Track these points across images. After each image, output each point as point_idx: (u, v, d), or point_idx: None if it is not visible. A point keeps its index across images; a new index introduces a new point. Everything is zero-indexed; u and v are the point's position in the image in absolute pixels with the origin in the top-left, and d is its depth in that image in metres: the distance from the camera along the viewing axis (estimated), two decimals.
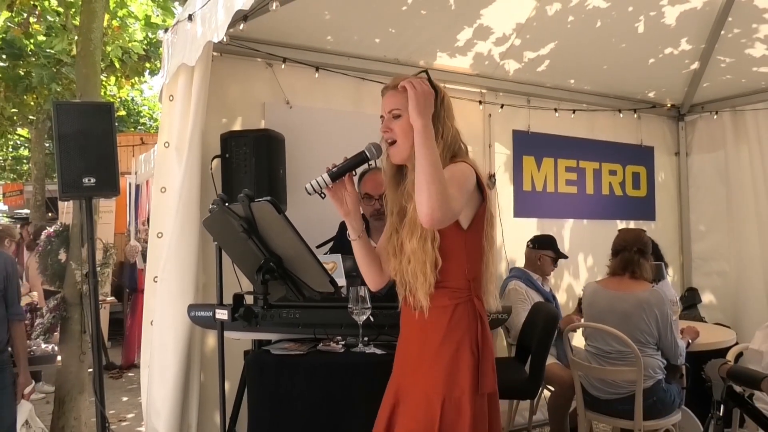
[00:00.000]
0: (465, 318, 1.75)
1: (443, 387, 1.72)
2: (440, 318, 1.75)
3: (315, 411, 2.32)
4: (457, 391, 1.72)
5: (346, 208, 1.81)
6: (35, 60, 6.77)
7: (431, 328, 1.76)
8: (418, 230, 1.70)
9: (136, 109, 17.07)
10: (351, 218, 1.83)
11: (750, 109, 4.88)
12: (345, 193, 1.79)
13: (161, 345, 3.02)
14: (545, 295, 3.91)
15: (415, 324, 1.79)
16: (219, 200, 2.02)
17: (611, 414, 3.17)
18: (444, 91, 1.80)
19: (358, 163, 1.78)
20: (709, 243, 5.30)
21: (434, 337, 1.75)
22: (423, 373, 1.76)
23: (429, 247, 1.70)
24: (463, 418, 1.70)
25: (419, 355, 1.79)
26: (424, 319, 1.75)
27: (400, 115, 1.75)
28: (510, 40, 4.06)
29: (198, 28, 2.85)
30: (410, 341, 1.84)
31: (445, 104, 1.78)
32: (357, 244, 1.87)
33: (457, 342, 1.74)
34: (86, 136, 2.93)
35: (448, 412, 1.70)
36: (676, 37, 4.31)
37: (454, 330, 1.74)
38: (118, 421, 4.89)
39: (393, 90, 1.78)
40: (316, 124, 3.72)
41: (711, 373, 2.32)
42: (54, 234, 4.07)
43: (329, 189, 1.75)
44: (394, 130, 1.76)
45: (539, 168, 4.72)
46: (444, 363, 1.73)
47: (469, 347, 1.74)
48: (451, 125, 1.78)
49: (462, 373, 1.72)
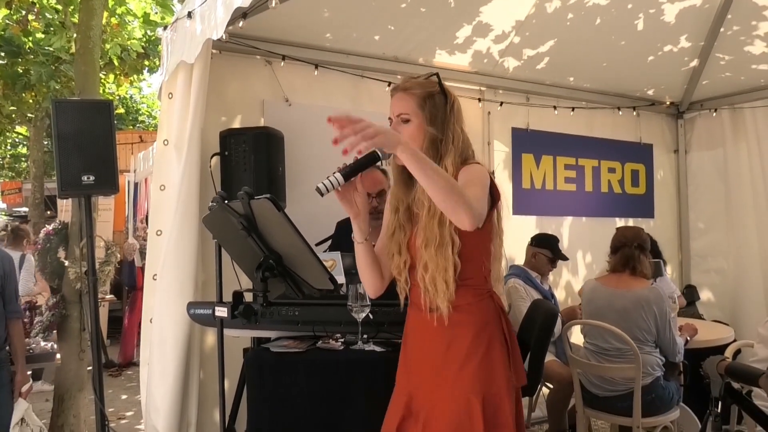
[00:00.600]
0: (490, 313, 1.74)
1: (482, 385, 1.68)
2: (468, 315, 1.71)
3: (314, 408, 2.33)
4: (495, 387, 1.69)
5: (356, 210, 1.74)
6: (34, 58, 6.75)
7: (458, 328, 1.71)
8: (435, 238, 1.66)
9: (134, 107, 17.05)
10: (360, 220, 1.76)
11: (749, 107, 4.88)
12: (355, 194, 1.74)
13: (160, 343, 3.02)
14: (544, 293, 3.91)
15: (434, 328, 1.73)
16: (218, 198, 2.02)
17: (610, 411, 3.18)
18: (454, 95, 1.77)
19: (370, 163, 1.71)
20: (708, 240, 5.30)
21: (463, 337, 1.71)
22: (454, 377, 1.70)
23: (449, 253, 1.66)
24: (505, 415, 1.68)
25: (444, 359, 1.73)
26: (445, 323, 1.70)
27: (408, 119, 1.73)
28: (509, 37, 4.06)
29: (197, 26, 2.85)
30: (428, 347, 1.77)
31: (455, 109, 1.75)
32: (361, 247, 1.82)
33: (488, 339, 1.71)
34: (85, 133, 2.93)
35: (490, 410, 1.67)
36: (676, 35, 4.31)
37: (483, 326, 1.72)
38: (117, 419, 4.90)
39: (403, 93, 1.75)
40: (315, 121, 3.70)
41: (709, 370, 2.33)
42: (53, 232, 4.06)
43: (338, 190, 1.70)
44: (402, 134, 1.72)
45: (538, 165, 4.72)
46: (477, 361, 1.69)
47: (500, 341, 1.72)
48: (461, 130, 1.75)
49: (497, 368, 1.70)
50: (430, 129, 1.72)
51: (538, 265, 3.97)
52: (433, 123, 1.72)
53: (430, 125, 1.71)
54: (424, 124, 1.72)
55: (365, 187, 1.77)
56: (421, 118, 1.72)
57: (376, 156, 1.72)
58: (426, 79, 1.78)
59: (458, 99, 1.79)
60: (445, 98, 1.74)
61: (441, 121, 1.72)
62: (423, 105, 1.72)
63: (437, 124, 1.72)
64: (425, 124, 1.72)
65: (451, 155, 1.70)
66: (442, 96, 1.75)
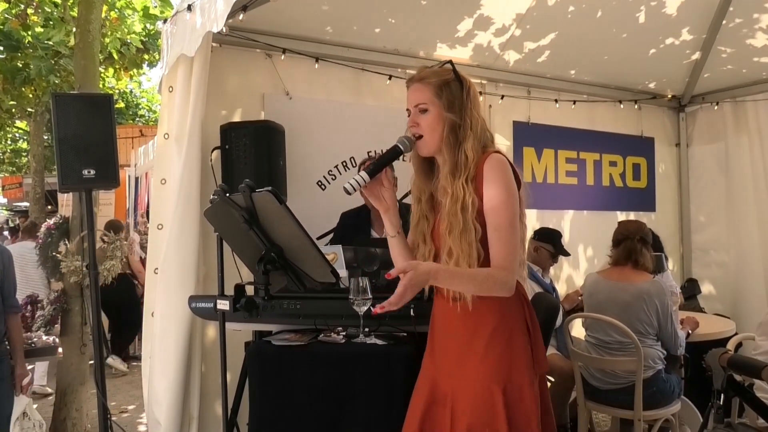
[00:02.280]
0: (513, 301, 1.73)
1: (503, 374, 1.69)
2: (489, 305, 1.71)
3: (316, 401, 2.32)
4: (517, 376, 1.69)
5: (386, 204, 1.77)
6: (33, 52, 6.74)
7: (481, 316, 1.72)
8: (459, 224, 1.66)
9: (134, 101, 17.03)
10: (390, 214, 1.79)
11: (750, 100, 4.87)
12: (382, 189, 1.75)
13: (162, 336, 3.03)
14: (545, 287, 3.91)
15: (458, 316, 1.74)
16: (220, 191, 2.01)
17: (611, 404, 3.18)
18: (470, 81, 1.77)
19: (393, 157, 1.74)
20: (709, 234, 5.30)
21: (486, 325, 1.72)
22: (477, 364, 1.71)
23: (472, 238, 1.66)
24: (527, 403, 1.68)
25: (468, 347, 1.73)
26: (469, 310, 1.70)
27: (426, 109, 1.73)
28: (510, 30, 4.04)
29: (197, 19, 2.84)
30: (453, 334, 1.78)
31: (472, 95, 1.75)
32: (394, 241, 1.84)
33: (510, 327, 1.72)
34: (86, 127, 2.91)
35: (512, 399, 1.67)
36: (677, 27, 4.29)
37: (505, 315, 1.72)
38: (119, 412, 4.91)
39: (419, 83, 1.75)
40: (315, 115, 3.71)
41: (711, 362, 2.33)
42: (54, 226, 4.06)
43: (365, 188, 1.70)
44: (420, 125, 1.73)
45: (539, 159, 4.72)
46: (500, 350, 1.70)
47: (522, 330, 1.73)
48: (478, 115, 1.75)
49: (519, 357, 1.71)
50: (449, 115, 1.71)
51: (539, 258, 3.97)
52: (451, 110, 1.72)
53: (448, 112, 1.72)
54: (443, 111, 1.72)
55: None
56: (439, 107, 1.72)
57: (399, 150, 1.74)
58: (440, 68, 1.78)
59: (474, 85, 1.79)
60: (461, 84, 1.74)
61: (459, 108, 1.72)
62: (440, 93, 1.72)
63: (455, 111, 1.72)
64: (444, 111, 1.72)
65: (470, 140, 1.70)
66: (458, 83, 1.74)
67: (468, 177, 1.68)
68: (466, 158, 1.69)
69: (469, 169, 1.68)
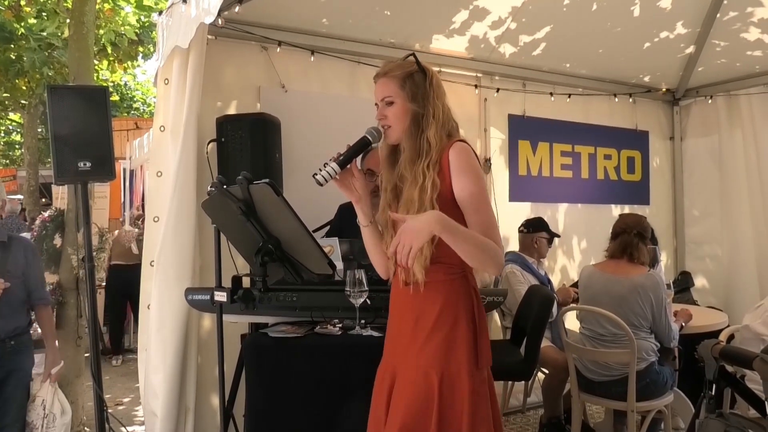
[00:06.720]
0: (461, 292, 1.76)
1: (441, 361, 1.71)
2: (436, 293, 1.74)
3: (312, 393, 2.34)
4: (455, 365, 1.71)
5: (357, 194, 1.81)
6: (26, 44, 6.69)
7: (427, 303, 1.75)
8: (415, 205, 1.69)
9: (129, 93, 16.93)
10: (362, 204, 1.83)
11: (744, 94, 4.89)
12: (353, 180, 1.79)
13: (158, 328, 3.03)
14: (540, 279, 3.94)
15: (409, 300, 1.78)
16: (218, 183, 2.02)
17: (605, 396, 3.21)
18: (432, 70, 1.81)
19: (362, 148, 1.79)
20: (703, 227, 5.34)
21: (430, 312, 1.74)
22: (419, 349, 1.75)
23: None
24: (461, 393, 1.70)
25: (413, 332, 1.77)
26: (419, 295, 1.74)
27: (392, 101, 1.77)
28: (505, 23, 4.05)
29: (192, 10, 2.83)
30: (403, 319, 1.82)
31: (434, 84, 1.79)
32: (367, 230, 1.87)
33: (454, 316, 1.73)
34: (81, 119, 2.91)
35: (446, 387, 1.70)
36: (672, 21, 4.30)
37: (451, 304, 1.74)
38: (115, 404, 4.91)
39: (384, 77, 1.79)
40: (311, 108, 3.71)
41: (704, 353, 2.34)
42: (49, 219, 4.05)
43: (336, 179, 1.74)
44: (388, 116, 1.78)
45: (534, 152, 4.73)
46: (441, 337, 1.72)
47: (466, 321, 1.74)
48: (442, 104, 1.78)
49: (459, 347, 1.72)
50: (412, 105, 1.75)
51: (540, 249, 4.02)
52: (414, 100, 1.76)
53: (411, 102, 1.75)
54: (407, 102, 1.76)
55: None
56: (403, 98, 1.76)
57: (367, 141, 1.79)
58: (404, 60, 1.82)
59: (437, 74, 1.82)
60: (425, 75, 1.77)
61: (422, 97, 1.76)
62: (403, 85, 1.76)
63: (418, 101, 1.76)
64: (407, 102, 1.75)
65: (433, 128, 1.73)
66: (421, 73, 1.78)
67: (430, 162, 1.71)
68: (429, 145, 1.72)
69: (431, 155, 1.71)
